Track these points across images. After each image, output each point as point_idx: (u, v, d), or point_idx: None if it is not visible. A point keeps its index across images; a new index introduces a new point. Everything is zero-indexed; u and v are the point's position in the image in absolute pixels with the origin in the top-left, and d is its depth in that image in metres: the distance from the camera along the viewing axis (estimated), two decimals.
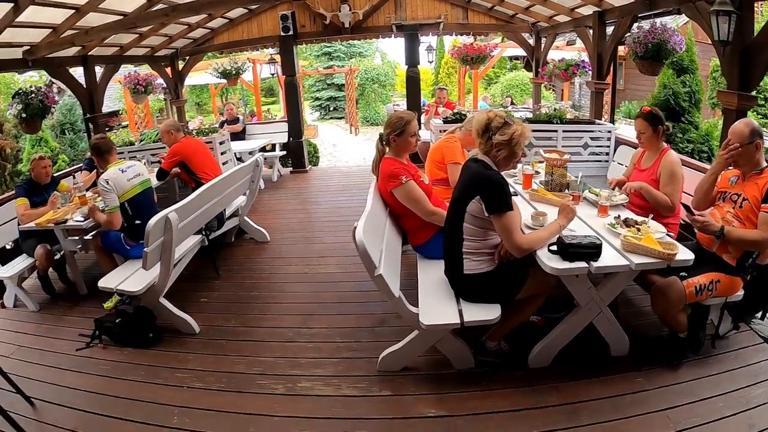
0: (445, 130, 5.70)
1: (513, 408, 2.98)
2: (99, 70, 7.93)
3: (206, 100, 27.68)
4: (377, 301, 4.29)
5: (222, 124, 9.72)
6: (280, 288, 4.90)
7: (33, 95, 5.97)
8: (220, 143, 7.80)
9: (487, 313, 2.99)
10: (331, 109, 27.26)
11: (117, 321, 4.14)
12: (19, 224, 5.05)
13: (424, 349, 3.30)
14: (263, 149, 9.46)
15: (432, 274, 3.53)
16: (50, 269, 5.29)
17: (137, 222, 4.53)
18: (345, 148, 18.34)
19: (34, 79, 14.23)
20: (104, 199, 4.43)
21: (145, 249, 3.70)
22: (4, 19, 5.16)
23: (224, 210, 5.44)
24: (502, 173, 3.08)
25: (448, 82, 28.29)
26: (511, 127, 2.97)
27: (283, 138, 10.04)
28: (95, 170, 6.17)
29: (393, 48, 29.89)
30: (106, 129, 7.23)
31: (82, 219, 4.77)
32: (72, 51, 7.15)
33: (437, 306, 3.12)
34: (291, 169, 10.15)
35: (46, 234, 5.03)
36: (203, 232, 4.99)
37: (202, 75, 13.97)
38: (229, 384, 3.49)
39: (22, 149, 15.61)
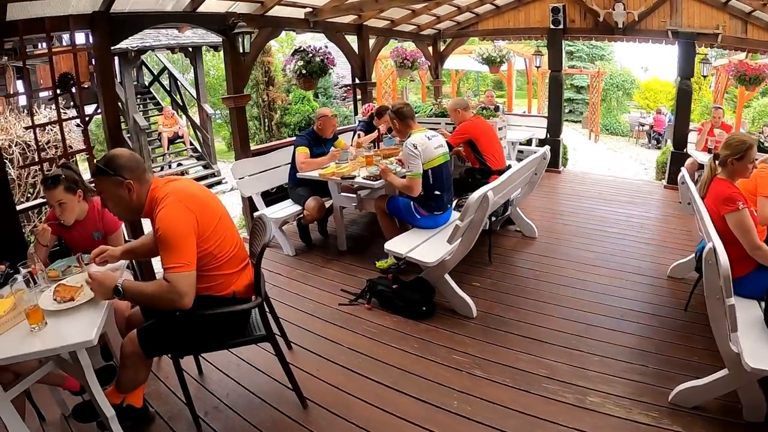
0: None
1: None
2: (370, 42, 8.19)
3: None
4: (658, 327, 3.80)
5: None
6: (555, 289, 4.49)
7: (314, 54, 6.15)
8: (499, 129, 7.37)
9: None
10: (566, 111, 25.98)
11: (393, 287, 4.09)
12: (296, 171, 5.27)
13: (727, 391, 2.82)
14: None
15: (745, 312, 2.97)
16: None
17: (436, 193, 4.40)
18: (586, 155, 16.97)
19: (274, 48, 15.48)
20: (408, 163, 4.29)
21: (457, 222, 3.60)
22: None
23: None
24: None
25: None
26: None
27: (539, 133, 9.56)
28: (376, 132, 6.33)
29: (627, 53, 27.62)
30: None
31: (371, 178, 4.78)
32: (348, 19, 7.40)
33: (761, 349, 2.63)
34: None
35: (317, 185, 5.21)
36: (488, 216, 4.76)
37: (458, 59, 13.86)
38: (515, 380, 3.22)
39: (295, 102, 17.06)
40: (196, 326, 2.58)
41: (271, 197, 5.87)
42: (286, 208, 5.39)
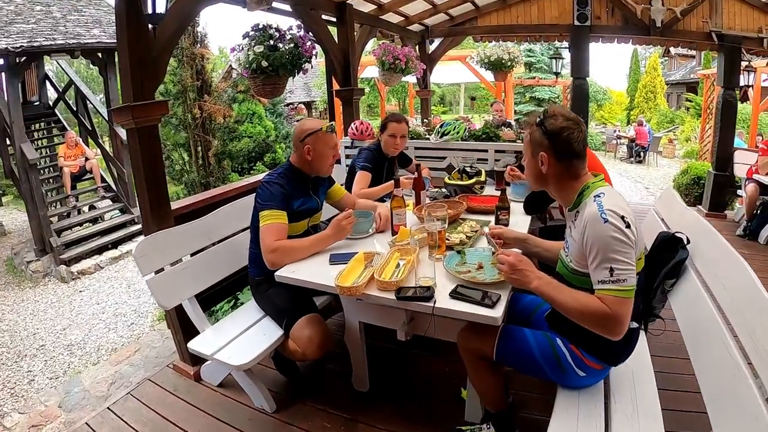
0: None
1: None
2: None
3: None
4: None
5: None
6: None
7: (281, 36, 3.65)
8: None
9: None
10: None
11: None
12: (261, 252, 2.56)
13: None
14: None
15: None
16: None
17: (632, 325, 1.89)
18: None
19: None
20: (611, 261, 1.71)
21: None
22: None
23: None
24: None
25: (646, 108, 25.13)
26: None
27: None
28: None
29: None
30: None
31: (490, 299, 1.98)
32: None
33: None
34: None
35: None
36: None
37: (443, 68, 11.37)
38: None
39: (241, 121, 12.75)
40: None
41: (216, 288, 3.16)
42: (252, 329, 2.69)
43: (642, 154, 17.56)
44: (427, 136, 5.05)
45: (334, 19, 5.34)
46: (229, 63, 3.59)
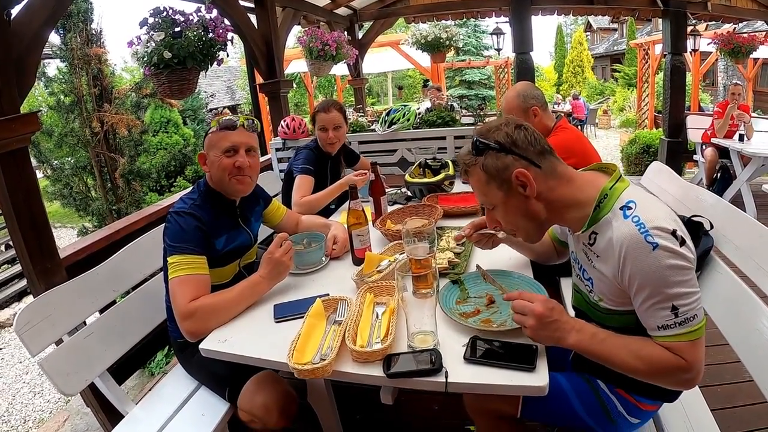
0: None
1: None
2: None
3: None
4: None
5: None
6: None
7: (187, 20, 2.93)
8: None
9: None
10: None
11: None
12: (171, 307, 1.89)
13: None
14: None
15: None
16: None
17: None
18: None
19: None
20: (677, 294, 1.17)
21: None
22: None
23: None
24: None
25: (575, 82, 25.63)
26: None
27: None
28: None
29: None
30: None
31: (525, 357, 1.37)
32: None
33: None
34: None
35: None
36: None
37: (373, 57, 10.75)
38: None
39: (146, 131, 10.77)
40: None
41: (137, 347, 2.38)
42: (188, 407, 1.98)
43: (580, 127, 17.46)
44: (372, 127, 4.47)
45: (252, 5, 4.68)
46: (130, 43, 2.84)
